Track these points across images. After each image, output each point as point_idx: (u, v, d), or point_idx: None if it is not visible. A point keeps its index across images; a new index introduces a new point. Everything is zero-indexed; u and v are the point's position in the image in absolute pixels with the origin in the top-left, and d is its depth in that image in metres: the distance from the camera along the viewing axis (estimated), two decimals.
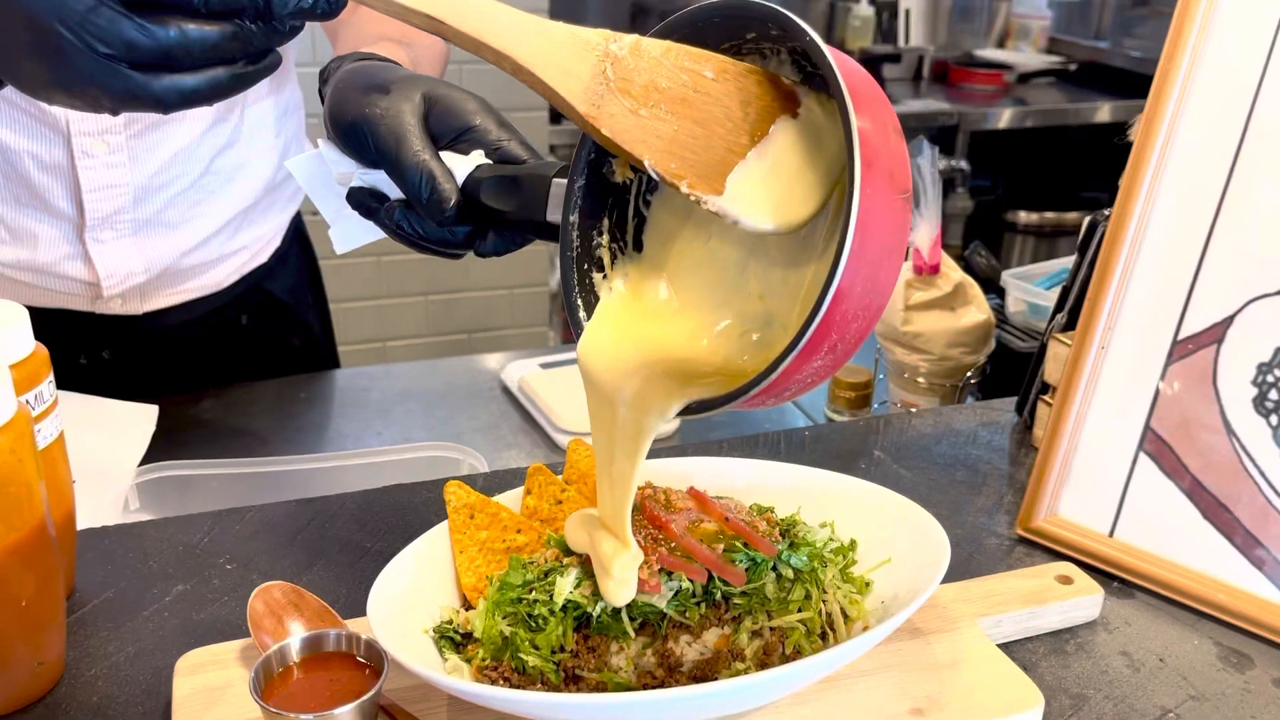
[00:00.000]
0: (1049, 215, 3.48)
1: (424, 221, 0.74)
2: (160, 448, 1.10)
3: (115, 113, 0.61)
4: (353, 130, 0.75)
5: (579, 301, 0.68)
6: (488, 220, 0.75)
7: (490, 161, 0.75)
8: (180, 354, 1.34)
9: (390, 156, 0.73)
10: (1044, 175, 3.56)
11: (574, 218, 0.67)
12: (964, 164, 3.14)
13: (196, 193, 1.21)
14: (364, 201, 0.78)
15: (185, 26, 0.58)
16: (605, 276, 0.69)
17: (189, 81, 0.60)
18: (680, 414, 0.61)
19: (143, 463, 1.07)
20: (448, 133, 0.76)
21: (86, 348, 1.28)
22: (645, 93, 0.56)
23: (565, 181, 0.68)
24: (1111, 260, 0.85)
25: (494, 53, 0.55)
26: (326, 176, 0.79)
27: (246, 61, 0.62)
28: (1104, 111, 3.31)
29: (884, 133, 0.53)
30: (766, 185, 0.59)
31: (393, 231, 0.77)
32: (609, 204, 0.69)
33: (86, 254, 1.16)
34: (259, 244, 1.34)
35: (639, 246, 0.69)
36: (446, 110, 0.76)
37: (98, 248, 1.15)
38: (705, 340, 0.65)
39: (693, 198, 0.56)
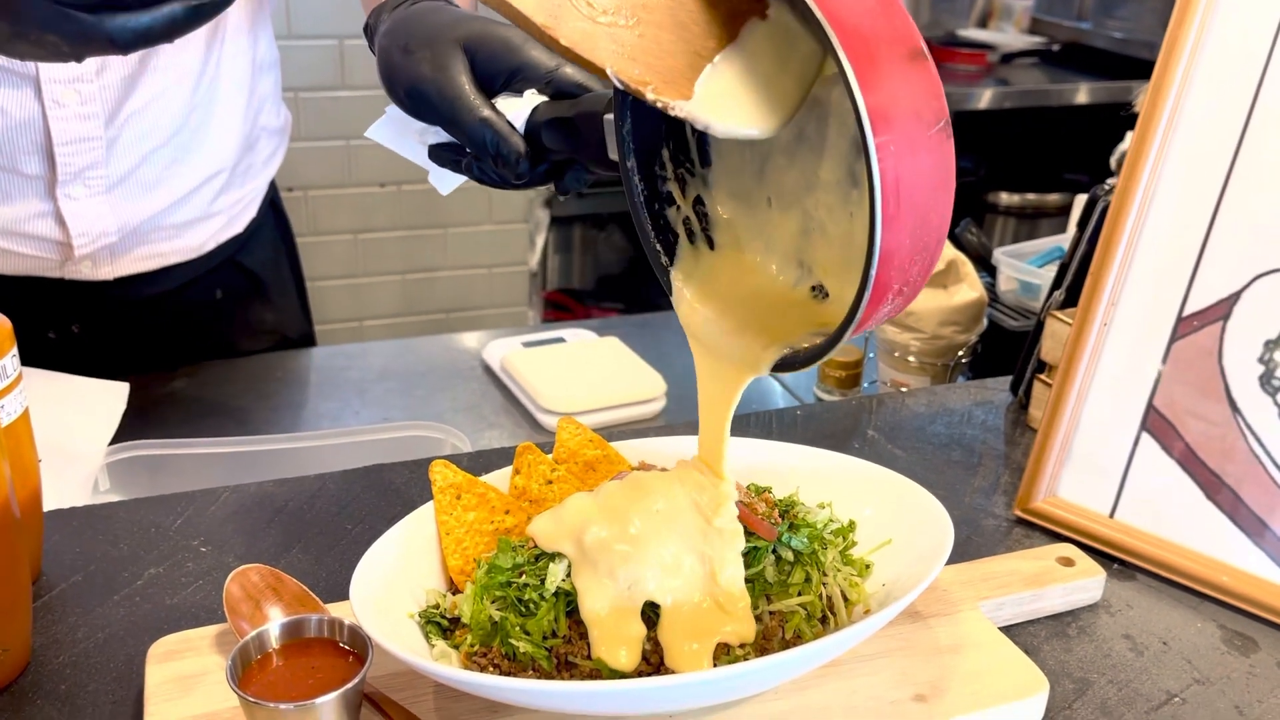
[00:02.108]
0: (1030, 197, 3.47)
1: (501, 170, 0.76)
2: (132, 426, 1.07)
3: (79, 59, 0.61)
4: (408, 98, 0.76)
5: (658, 246, 0.67)
6: (558, 159, 0.75)
7: (546, 99, 0.73)
8: (153, 329, 1.30)
9: (450, 121, 0.74)
10: (1026, 156, 3.55)
11: (631, 162, 0.65)
12: None
13: (172, 150, 1.18)
14: (445, 156, 0.79)
15: None
16: (679, 208, 0.67)
17: (143, 19, 0.60)
18: (773, 370, 0.63)
19: (113, 442, 1.03)
20: (497, 76, 0.74)
21: (55, 321, 1.24)
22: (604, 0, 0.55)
23: None
24: (1115, 235, 0.83)
25: None
26: (407, 133, 0.81)
27: None
28: (1085, 93, 3.29)
29: (897, 70, 0.50)
30: (738, 88, 0.56)
31: (477, 180, 0.78)
32: (663, 133, 0.66)
33: (58, 211, 1.12)
34: (235, 209, 1.31)
35: (706, 161, 0.67)
36: (491, 55, 0.74)
37: (70, 204, 1.12)
38: (786, 293, 0.64)
39: (659, 104, 0.55)
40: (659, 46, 0.55)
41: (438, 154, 0.79)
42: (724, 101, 0.56)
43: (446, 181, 0.83)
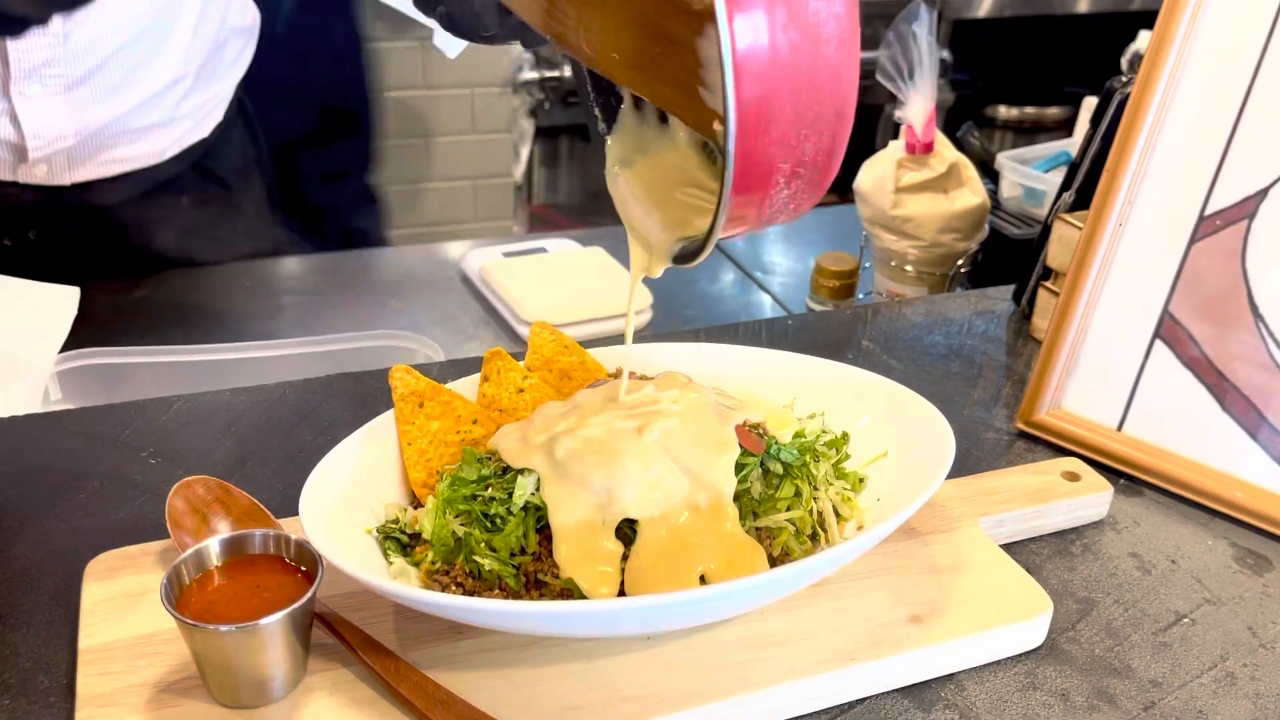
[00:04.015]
0: (1029, 110, 3.39)
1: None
2: (93, 336, 1.01)
3: None
4: None
5: (598, 111, 0.62)
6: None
7: None
8: (114, 237, 1.25)
9: None
10: (1025, 68, 3.46)
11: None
12: (946, 54, 3.03)
13: (136, 52, 1.13)
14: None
15: None
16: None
17: None
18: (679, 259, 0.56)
19: (68, 350, 0.98)
20: None
21: (11, 227, 1.18)
22: None
23: None
24: (1134, 128, 0.77)
25: None
26: None
27: None
28: (1086, 1, 3.19)
29: None
30: None
31: (448, 28, 0.72)
32: None
33: (12, 110, 1.07)
34: (200, 112, 1.25)
35: None
36: None
37: (24, 103, 1.07)
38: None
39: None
40: None
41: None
42: None
43: (452, 45, 0.79)
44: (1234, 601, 0.69)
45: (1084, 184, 0.93)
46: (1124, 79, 0.91)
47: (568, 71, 2.74)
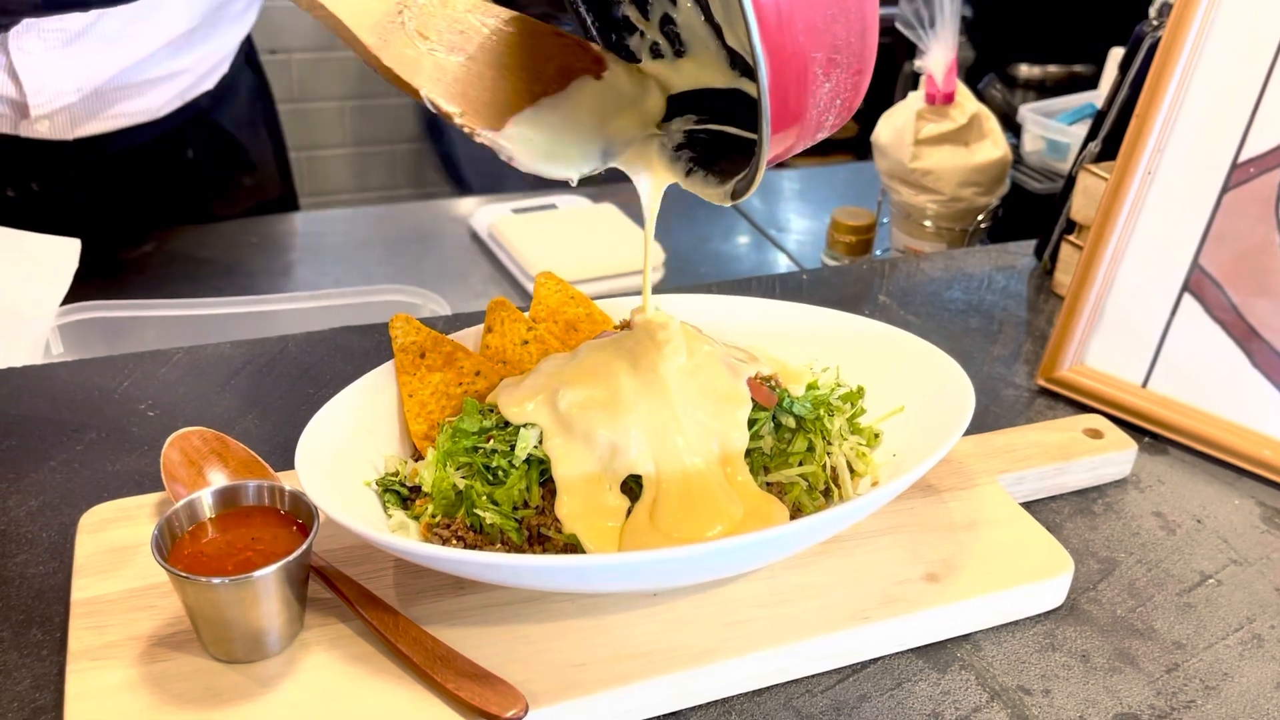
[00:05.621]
0: (1052, 69, 3.32)
1: None
2: (99, 291, 0.99)
3: None
4: None
5: None
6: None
7: None
8: (119, 190, 1.23)
9: None
10: (1049, 25, 3.39)
11: None
12: (968, 10, 2.97)
13: (135, 5, 1.08)
14: None
15: None
16: (643, 35, 0.60)
17: None
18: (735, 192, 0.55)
19: (68, 303, 0.96)
20: None
21: (14, 179, 1.16)
22: (440, 35, 0.56)
23: None
24: (1167, 70, 0.74)
25: None
26: None
27: None
28: None
29: None
30: (547, 133, 0.57)
31: None
32: None
33: (11, 66, 1.04)
34: (202, 66, 1.22)
35: None
36: None
37: (24, 59, 1.04)
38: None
39: (466, 129, 0.55)
40: (482, 81, 0.56)
41: None
42: (529, 140, 0.55)
43: None
44: (1261, 562, 0.66)
45: (1111, 134, 0.90)
46: (1154, 23, 0.87)
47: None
